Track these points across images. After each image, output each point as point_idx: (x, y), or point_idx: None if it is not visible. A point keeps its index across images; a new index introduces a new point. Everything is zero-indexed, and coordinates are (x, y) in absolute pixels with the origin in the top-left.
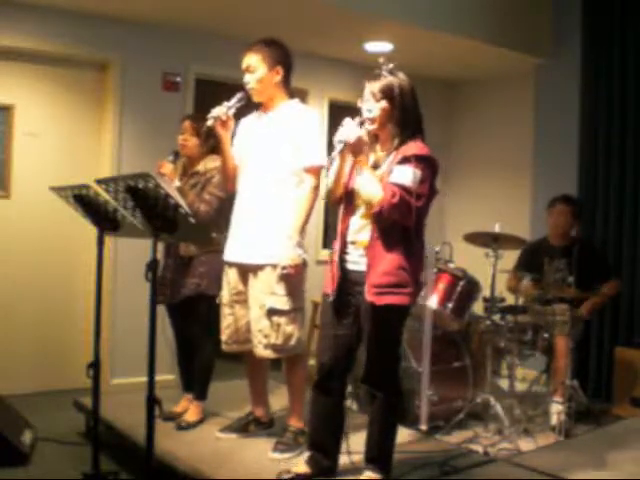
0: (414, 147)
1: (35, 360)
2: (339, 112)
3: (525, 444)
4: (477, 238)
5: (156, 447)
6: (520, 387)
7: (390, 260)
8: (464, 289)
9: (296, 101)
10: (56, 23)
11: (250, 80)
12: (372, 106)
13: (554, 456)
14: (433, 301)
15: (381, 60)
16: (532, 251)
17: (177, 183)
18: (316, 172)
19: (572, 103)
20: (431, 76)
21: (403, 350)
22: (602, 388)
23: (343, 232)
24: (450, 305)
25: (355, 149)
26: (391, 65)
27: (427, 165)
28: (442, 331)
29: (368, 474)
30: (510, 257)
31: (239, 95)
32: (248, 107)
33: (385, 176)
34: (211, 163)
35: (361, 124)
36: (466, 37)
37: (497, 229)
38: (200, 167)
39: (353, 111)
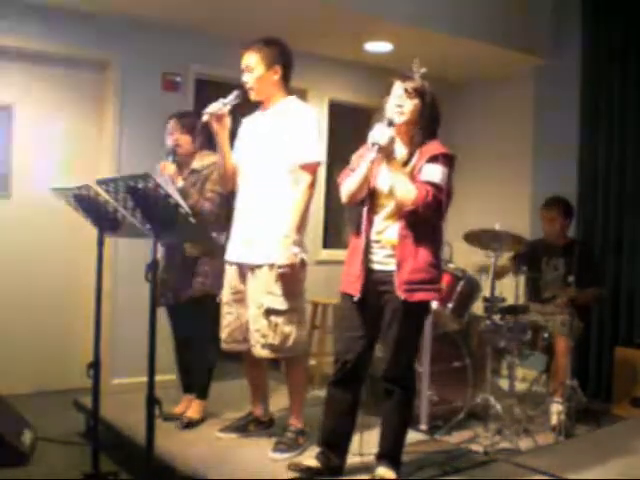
0: (438, 146)
1: (35, 360)
2: (339, 111)
3: (525, 444)
4: (477, 238)
5: (156, 447)
6: (520, 387)
7: (420, 257)
8: (464, 289)
9: (293, 98)
10: (56, 23)
11: (249, 79)
12: (404, 102)
13: (554, 456)
14: (433, 301)
15: (416, 62)
16: (531, 250)
17: (181, 184)
18: (312, 169)
19: (572, 103)
20: (431, 76)
21: None
22: (602, 388)
23: (367, 232)
24: (450, 305)
25: (387, 150)
26: (423, 70)
27: (451, 164)
28: (442, 331)
29: (382, 471)
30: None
31: (236, 92)
32: (247, 106)
33: (414, 174)
34: (207, 159)
35: (389, 124)
36: (466, 37)
37: (497, 229)
38: (196, 165)
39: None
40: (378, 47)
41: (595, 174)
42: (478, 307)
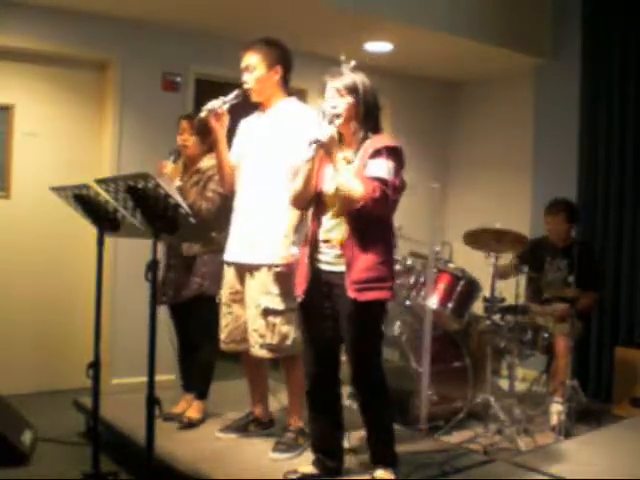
0: (383, 139)
1: (35, 360)
2: None
3: (525, 444)
4: (477, 239)
5: (156, 447)
6: (520, 387)
7: (369, 256)
8: (464, 289)
9: (293, 99)
10: (56, 23)
11: (249, 80)
12: (337, 102)
13: (554, 456)
14: (433, 301)
15: (342, 58)
16: (533, 248)
17: (178, 183)
18: None
19: (572, 103)
20: (431, 76)
21: (403, 350)
22: (602, 388)
23: (314, 232)
24: (450, 305)
25: (329, 148)
26: (352, 63)
27: (397, 157)
28: (442, 331)
29: (381, 473)
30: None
31: (237, 92)
32: (247, 107)
33: (359, 171)
34: (212, 161)
35: (330, 122)
36: (466, 37)
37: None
38: (201, 165)
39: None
40: (378, 47)
41: (595, 174)
42: (478, 307)
